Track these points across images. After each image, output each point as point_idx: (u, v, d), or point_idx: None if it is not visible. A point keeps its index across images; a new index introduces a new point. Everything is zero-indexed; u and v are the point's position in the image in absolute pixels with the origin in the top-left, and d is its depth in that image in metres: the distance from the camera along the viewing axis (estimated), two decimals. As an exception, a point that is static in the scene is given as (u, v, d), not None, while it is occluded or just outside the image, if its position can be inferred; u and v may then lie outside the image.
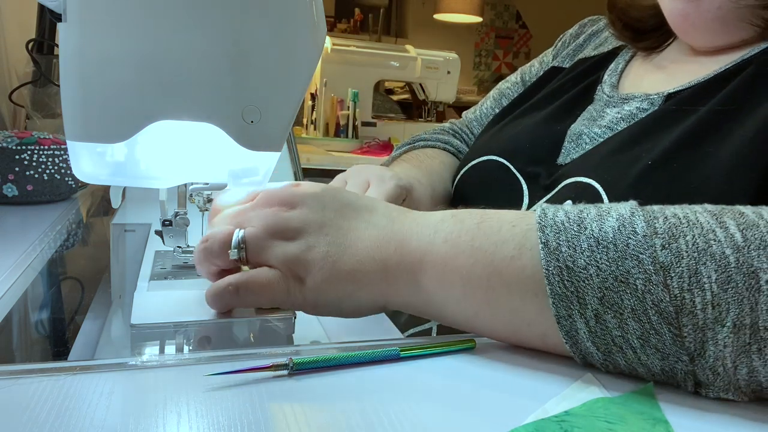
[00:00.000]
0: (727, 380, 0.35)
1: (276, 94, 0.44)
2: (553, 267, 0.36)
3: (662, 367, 0.36)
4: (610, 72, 0.73)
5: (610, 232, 0.36)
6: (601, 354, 0.37)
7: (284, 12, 0.43)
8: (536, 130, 0.72)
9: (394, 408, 0.33)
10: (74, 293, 0.55)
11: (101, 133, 0.42)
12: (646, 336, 0.35)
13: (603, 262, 0.35)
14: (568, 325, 0.37)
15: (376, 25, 4.08)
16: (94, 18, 0.40)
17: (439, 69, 2.54)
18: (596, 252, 0.36)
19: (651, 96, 0.63)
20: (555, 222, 0.37)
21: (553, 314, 0.37)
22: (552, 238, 0.37)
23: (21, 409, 0.30)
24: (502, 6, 5.18)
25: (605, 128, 0.64)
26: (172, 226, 0.52)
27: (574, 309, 0.36)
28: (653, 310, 0.34)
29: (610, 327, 0.36)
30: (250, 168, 0.49)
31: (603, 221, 0.37)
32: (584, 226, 0.37)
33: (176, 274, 0.52)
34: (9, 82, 1.29)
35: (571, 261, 0.36)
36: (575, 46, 0.85)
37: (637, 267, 0.35)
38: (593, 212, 0.38)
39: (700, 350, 0.34)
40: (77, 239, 0.73)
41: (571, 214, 0.38)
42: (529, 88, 0.83)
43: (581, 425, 0.31)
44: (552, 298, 0.36)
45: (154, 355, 0.39)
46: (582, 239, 0.36)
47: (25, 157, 0.79)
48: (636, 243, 0.35)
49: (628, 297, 0.35)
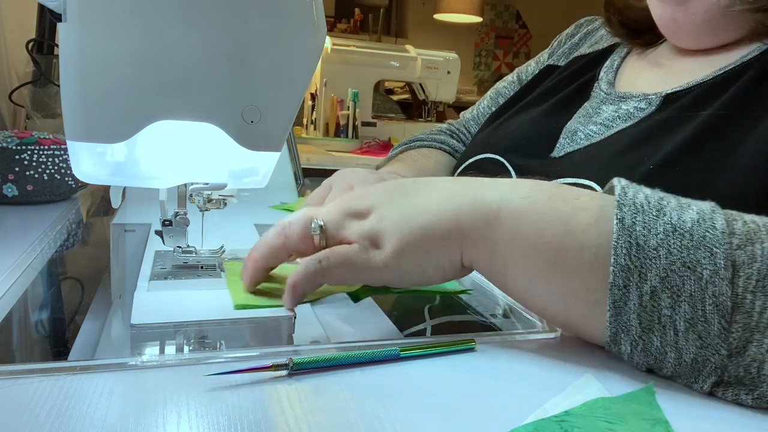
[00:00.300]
0: (755, 384, 0.35)
1: (276, 94, 0.44)
2: (623, 241, 0.37)
3: (695, 356, 0.36)
4: (606, 69, 0.73)
5: (688, 222, 0.36)
6: (640, 329, 0.37)
7: (284, 12, 0.43)
8: (532, 126, 0.73)
9: (394, 408, 0.33)
10: (74, 293, 0.55)
11: (101, 133, 0.42)
12: (694, 321, 0.35)
13: (675, 246, 0.36)
14: (618, 295, 0.37)
15: (376, 25, 4.08)
16: (94, 18, 0.40)
17: (439, 69, 2.54)
18: (671, 237, 0.36)
19: (649, 96, 0.63)
20: (635, 203, 0.38)
21: (609, 281, 0.37)
22: (629, 216, 0.37)
23: (21, 409, 0.30)
24: (502, 6, 5.18)
25: (600, 125, 0.65)
26: (172, 226, 0.52)
27: (633, 281, 0.36)
28: (710, 300, 0.35)
29: (662, 306, 0.36)
30: (250, 168, 0.49)
31: (683, 211, 0.37)
32: (664, 212, 0.37)
33: (176, 274, 0.52)
34: (9, 82, 1.29)
35: (644, 240, 0.36)
36: (571, 45, 0.86)
37: (708, 258, 0.35)
38: (674, 202, 0.38)
39: (741, 348, 0.35)
40: (77, 239, 0.73)
41: (652, 199, 0.38)
42: (525, 86, 0.84)
43: (581, 425, 0.31)
44: (613, 267, 0.37)
45: (154, 355, 0.39)
46: (659, 223, 0.37)
47: (25, 157, 0.79)
48: (713, 237, 0.36)
49: (691, 283, 0.35)
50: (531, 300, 0.42)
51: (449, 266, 0.43)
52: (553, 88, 0.78)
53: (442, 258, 0.43)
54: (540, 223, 0.40)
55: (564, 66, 0.81)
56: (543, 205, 0.40)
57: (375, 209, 0.44)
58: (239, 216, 0.80)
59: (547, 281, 0.40)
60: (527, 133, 0.72)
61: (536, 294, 0.41)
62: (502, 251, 0.41)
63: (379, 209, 0.44)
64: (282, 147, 0.47)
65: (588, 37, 0.85)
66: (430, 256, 0.43)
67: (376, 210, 0.44)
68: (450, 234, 0.42)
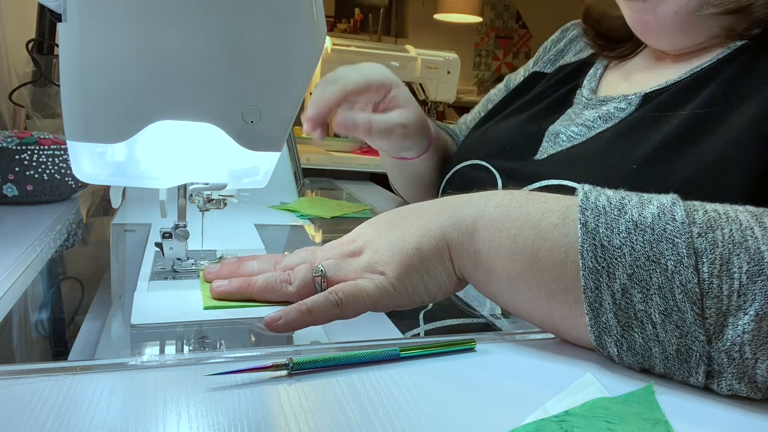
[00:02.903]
0: (742, 369, 0.35)
1: (276, 94, 0.44)
2: (588, 244, 0.38)
3: (678, 346, 0.36)
4: (590, 77, 0.75)
5: (649, 217, 0.38)
6: (620, 328, 0.38)
7: (284, 12, 0.43)
8: (516, 131, 0.75)
9: (394, 408, 0.33)
10: (74, 293, 0.55)
11: (101, 133, 0.42)
12: (669, 312, 0.36)
13: (638, 243, 0.37)
14: (593, 297, 0.38)
15: (376, 25, 4.08)
16: (94, 18, 0.40)
17: (439, 69, 2.54)
18: (633, 234, 0.37)
19: (628, 96, 0.64)
20: (596, 206, 0.39)
21: (581, 285, 0.38)
22: (591, 219, 0.39)
23: (21, 409, 0.30)
24: (502, 6, 5.17)
25: (582, 126, 0.66)
26: (172, 238, 0.52)
27: (603, 282, 0.38)
28: (679, 290, 0.36)
29: (635, 301, 0.37)
30: (250, 168, 0.49)
31: (643, 208, 0.38)
32: (624, 210, 0.38)
33: (176, 275, 0.52)
34: (9, 82, 1.29)
35: (607, 240, 0.38)
36: (555, 52, 0.87)
37: (670, 249, 0.36)
38: (635, 199, 0.39)
39: (718, 333, 0.35)
40: (77, 239, 0.73)
41: (613, 200, 0.39)
42: (512, 93, 0.87)
43: (581, 425, 0.31)
44: (582, 270, 0.38)
45: (154, 355, 0.39)
46: (621, 222, 0.38)
47: (25, 157, 0.79)
48: (673, 228, 0.37)
49: (657, 275, 0.36)
50: (517, 305, 0.43)
51: (448, 280, 0.45)
52: (539, 95, 0.80)
53: (440, 273, 0.45)
54: (512, 229, 0.42)
55: (550, 74, 0.83)
56: (515, 210, 0.43)
57: (367, 246, 0.47)
58: (239, 216, 0.80)
59: (527, 284, 0.41)
60: (511, 138, 0.75)
61: (521, 299, 0.43)
62: (484, 259, 0.43)
63: (371, 244, 0.47)
64: (282, 147, 0.47)
65: (573, 43, 0.86)
66: (430, 273, 0.45)
67: (368, 246, 0.47)
68: (440, 250, 0.44)
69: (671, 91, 0.60)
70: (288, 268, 0.48)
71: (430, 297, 0.46)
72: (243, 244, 0.66)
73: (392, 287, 0.44)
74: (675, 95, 0.59)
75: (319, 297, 0.43)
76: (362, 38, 4.01)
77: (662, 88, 0.62)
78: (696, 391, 0.37)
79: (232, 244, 0.64)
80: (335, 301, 0.43)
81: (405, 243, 0.45)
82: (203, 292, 0.48)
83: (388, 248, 0.45)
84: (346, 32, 4.61)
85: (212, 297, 0.47)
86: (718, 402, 0.36)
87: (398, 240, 0.45)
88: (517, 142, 0.73)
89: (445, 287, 0.45)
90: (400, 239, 0.45)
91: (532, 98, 0.80)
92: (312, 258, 0.48)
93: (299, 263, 0.48)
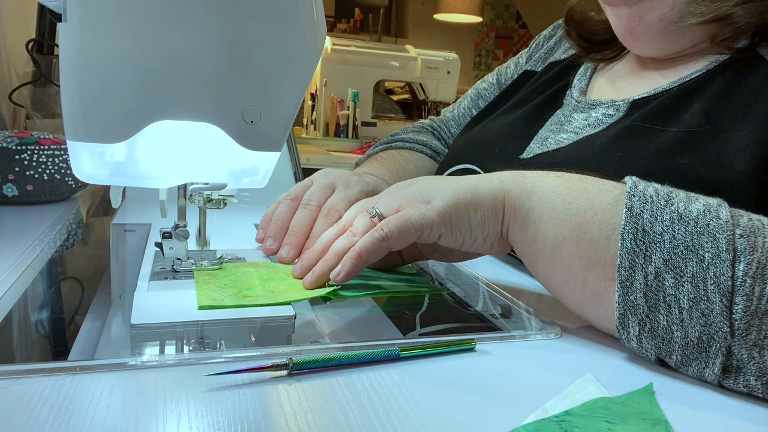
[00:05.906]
0: (762, 369, 0.36)
1: (276, 94, 0.44)
2: (630, 227, 0.39)
3: (701, 334, 0.37)
4: (579, 76, 0.75)
5: (694, 211, 0.39)
6: (646, 308, 0.39)
7: (284, 12, 0.43)
8: (505, 133, 0.75)
9: (394, 408, 0.33)
10: (74, 293, 0.55)
11: (101, 133, 0.42)
12: (698, 300, 0.37)
13: (679, 232, 0.38)
14: (625, 275, 0.39)
15: (376, 25, 4.08)
16: (94, 18, 0.40)
17: (439, 69, 2.54)
18: (676, 224, 0.38)
19: (617, 102, 0.65)
20: (644, 194, 0.41)
21: (617, 263, 0.39)
22: (637, 205, 0.40)
23: (21, 409, 0.30)
24: (502, 6, 5.17)
25: (571, 133, 0.67)
26: (172, 238, 0.52)
27: (638, 263, 0.39)
28: (712, 281, 0.37)
29: (666, 285, 0.38)
30: (250, 168, 0.49)
31: (690, 203, 0.39)
32: (671, 203, 0.40)
33: (176, 275, 0.52)
34: (9, 82, 1.29)
35: (650, 226, 0.39)
36: (547, 49, 0.87)
37: (711, 243, 0.37)
38: (681, 195, 0.41)
39: (743, 331, 0.36)
40: (77, 239, 0.73)
41: (661, 192, 0.41)
42: (504, 92, 0.87)
43: (581, 425, 0.31)
44: (620, 250, 0.39)
45: (154, 355, 0.39)
46: (665, 212, 0.39)
47: (25, 157, 0.79)
48: (717, 225, 0.38)
49: (693, 265, 0.37)
50: (553, 270, 0.44)
51: (493, 229, 0.47)
52: (530, 94, 0.80)
53: (489, 218, 0.46)
54: (569, 196, 0.44)
55: (540, 72, 0.83)
56: (574, 182, 0.45)
57: (423, 180, 0.50)
58: (239, 216, 0.80)
59: (569, 251, 0.43)
60: (500, 140, 0.74)
61: (559, 264, 0.44)
62: (535, 217, 0.45)
63: (428, 179, 0.50)
64: (282, 147, 0.47)
65: (564, 40, 0.86)
66: (479, 213, 0.46)
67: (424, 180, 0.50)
68: (496, 196, 0.46)
69: (659, 100, 0.60)
70: (348, 224, 0.50)
71: (472, 238, 0.47)
72: (243, 244, 0.66)
73: (437, 215, 0.46)
74: (663, 105, 0.60)
75: (365, 238, 0.46)
76: (362, 38, 4.01)
77: (650, 96, 0.62)
78: (695, 391, 0.37)
79: (232, 244, 0.64)
80: (381, 237, 0.45)
81: (462, 181, 0.47)
82: (198, 292, 0.48)
83: (443, 182, 0.48)
84: (346, 32, 4.61)
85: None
86: (718, 402, 0.36)
87: (455, 180, 0.48)
88: (505, 144, 0.73)
89: (489, 234, 0.47)
90: (457, 179, 0.48)
91: (522, 97, 0.80)
92: (367, 206, 0.51)
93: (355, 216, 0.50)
